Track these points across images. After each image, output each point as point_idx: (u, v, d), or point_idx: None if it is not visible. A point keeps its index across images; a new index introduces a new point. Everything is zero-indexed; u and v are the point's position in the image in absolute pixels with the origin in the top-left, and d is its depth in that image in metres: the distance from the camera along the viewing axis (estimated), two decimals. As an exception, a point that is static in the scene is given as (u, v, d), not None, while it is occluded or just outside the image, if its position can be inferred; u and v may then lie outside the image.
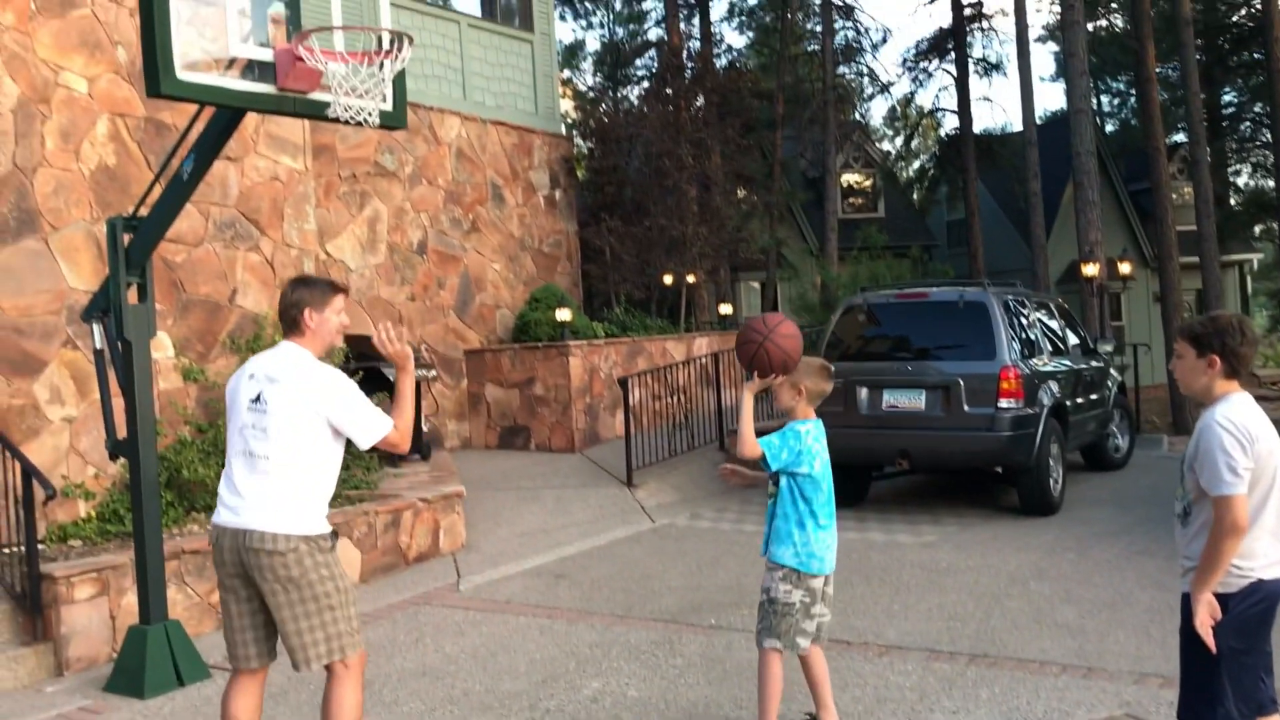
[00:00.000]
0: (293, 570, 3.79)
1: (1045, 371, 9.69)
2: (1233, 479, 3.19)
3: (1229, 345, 3.33)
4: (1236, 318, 3.40)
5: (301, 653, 3.85)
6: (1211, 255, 20.87)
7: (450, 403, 13.40)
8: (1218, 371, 3.36)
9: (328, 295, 4.04)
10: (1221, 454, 3.21)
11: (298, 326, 3.98)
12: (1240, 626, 3.25)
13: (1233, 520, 3.18)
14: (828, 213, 22.86)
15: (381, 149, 12.57)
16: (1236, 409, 3.30)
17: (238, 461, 3.92)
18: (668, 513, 10.09)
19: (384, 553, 7.94)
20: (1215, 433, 3.25)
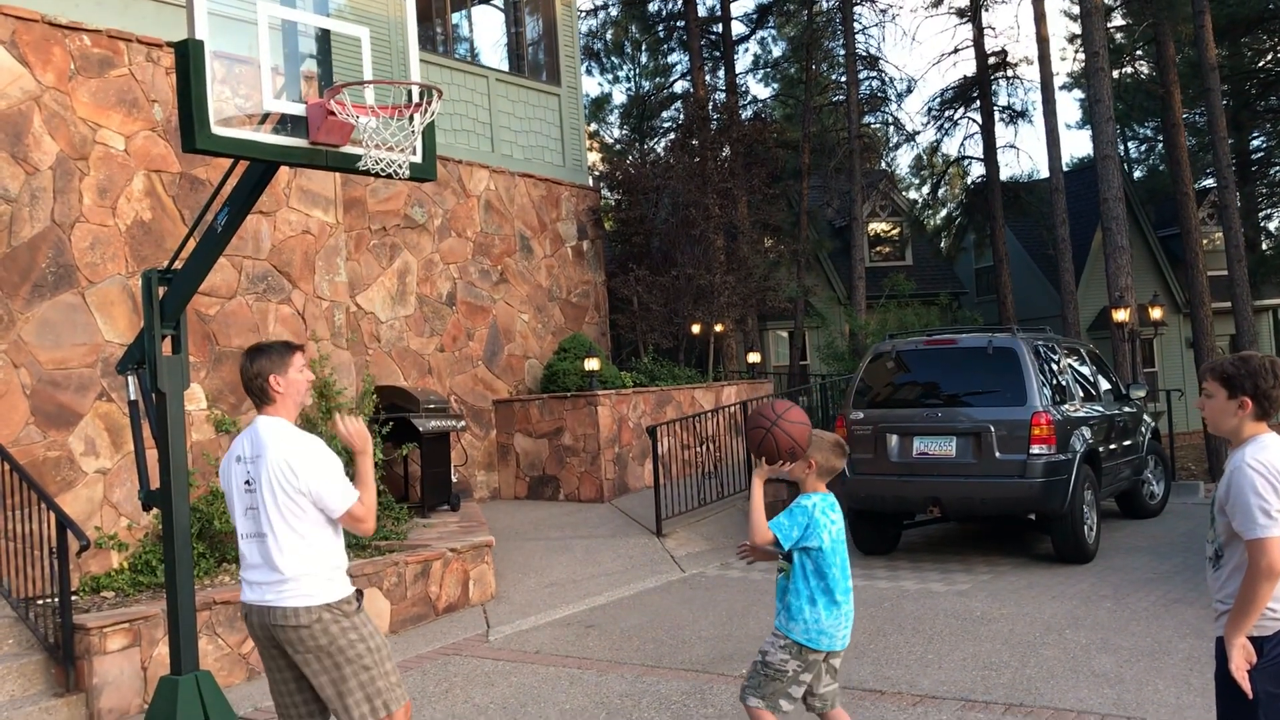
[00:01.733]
0: (320, 640, 3.82)
1: (1078, 417, 9.61)
2: (1267, 521, 3.15)
3: (1261, 388, 3.31)
4: (1269, 359, 3.37)
5: (346, 715, 3.87)
6: (1244, 300, 20.72)
7: (479, 453, 13.43)
8: (1249, 413, 3.34)
9: (286, 356, 4.05)
10: (1255, 496, 3.17)
11: (267, 395, 4.00)
12: (1276, 671, 3.20)
13: (1269, 563, 3.14)
14: (855, 261, 22.88)
15: (411, 202, 12.73)
16: (1267, 451, 3.26)
17: (245, 545, 3.96)
18: (697, 562, 10.03)
19: (413, 603, 7.93)
20: (1247, 475, 3.21)
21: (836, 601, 4.22)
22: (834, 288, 26.81)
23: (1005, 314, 25.03)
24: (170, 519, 5.75)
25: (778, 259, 20.83)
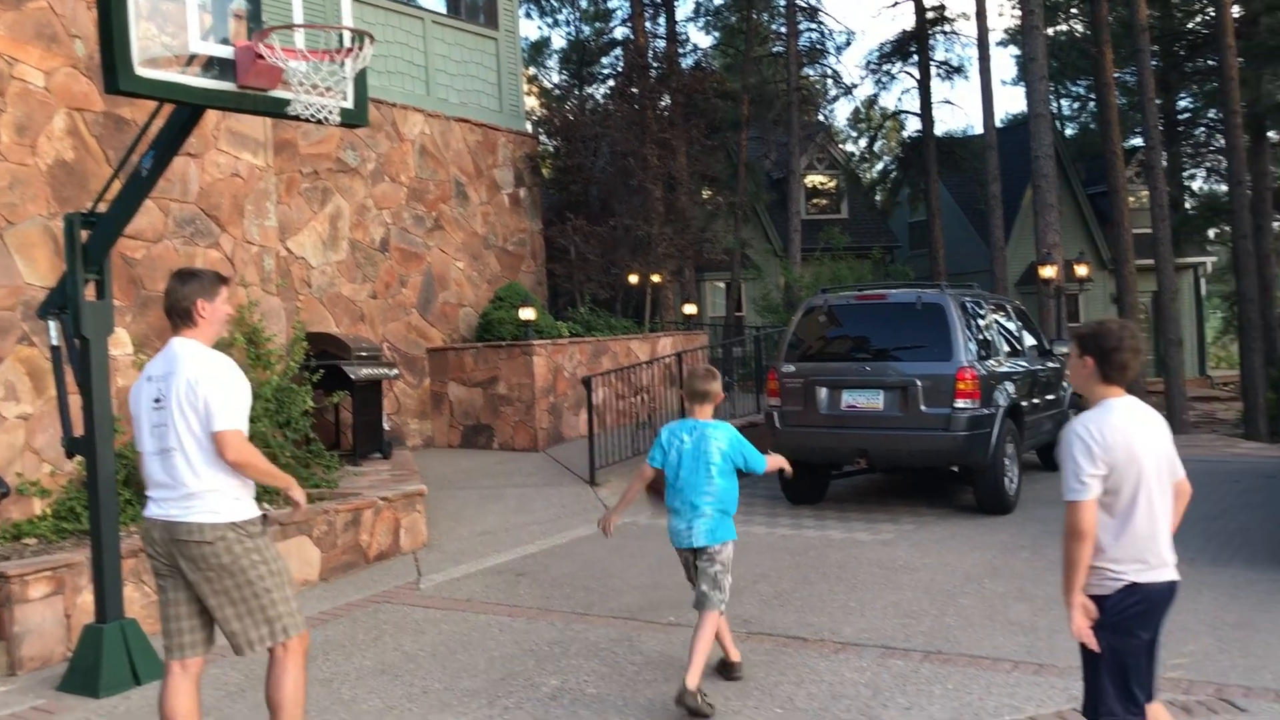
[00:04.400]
0: (223, 558, 3.88)
1: (1001, 372, 9.82)
2: (1078, 486, 3.29)
3: (1103, 348, 3.40)
4: (1120, 324, 3.46)
5: (242, 636, 3.94)
6: (1166, 258, 21.21)
7: (412, 401, 13.37)
8: (1093, 373, 3.43)
9: (217, 285, 4.12)
10: (1071, 462, 3.31)
11: (190, 318, 4.04)
12: (1119, 627, 3.33)
13: (1073, 525, 3.28)
14: (791, 214, 23.02)
15: (344, 145, 12.52)
16: (1102, 416, 3.37)
17: (151, 461, 4.00)
18: (630, 511, 10.05)
19: (344, 551, 7.92)
20: (1070, 439, 3.35)
21: (676, 509, 5.12)
22: (770, 240, 26.94)
23: (937, 269, 25.38)
24: (95, 466, 5.70)
25: (715, 210, 20.85)
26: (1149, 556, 3.34)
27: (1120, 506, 3.32)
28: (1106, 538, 3.33)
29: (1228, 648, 5.47)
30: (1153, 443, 3.38)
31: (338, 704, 5.14)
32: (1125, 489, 3.31)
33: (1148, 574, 3.34)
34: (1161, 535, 3.36)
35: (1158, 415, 3.50)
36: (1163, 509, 3.37)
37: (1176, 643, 5.57)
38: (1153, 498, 3.34)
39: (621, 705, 4.97)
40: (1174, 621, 5.90)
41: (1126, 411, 3.39)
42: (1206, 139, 32.05)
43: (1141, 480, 3.32)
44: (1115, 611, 3.32)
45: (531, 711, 4.93)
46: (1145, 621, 3.36)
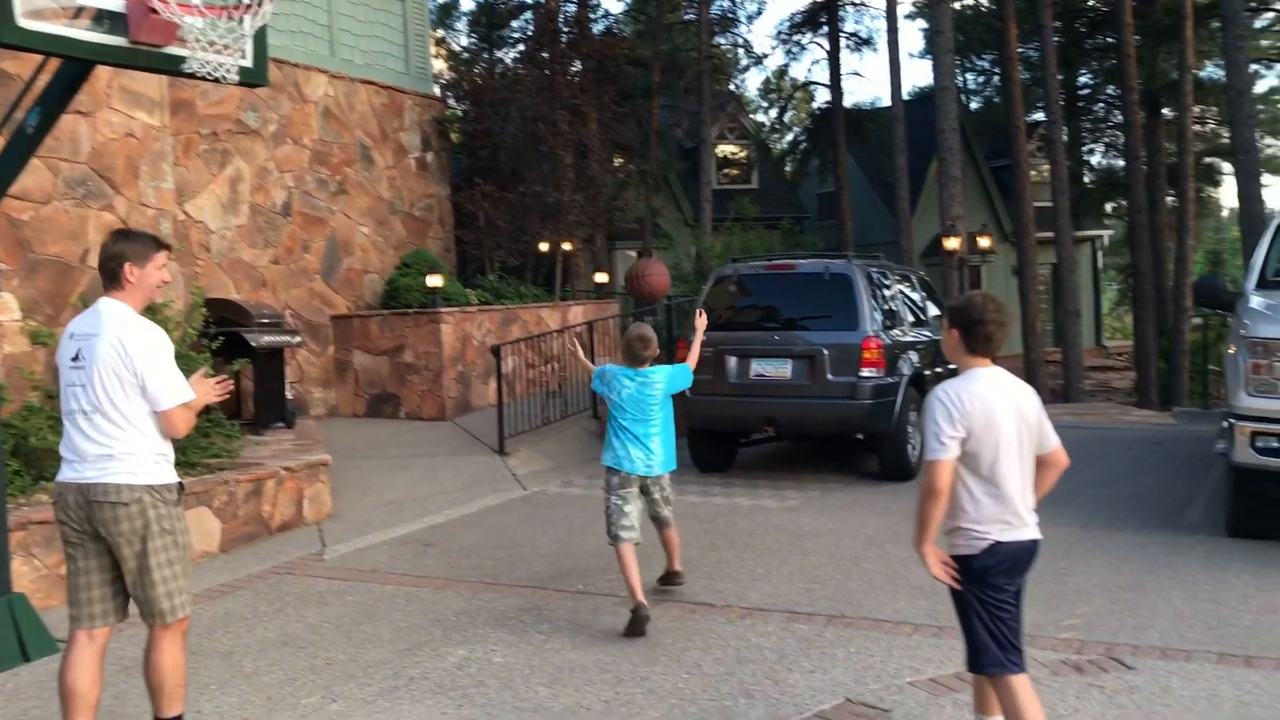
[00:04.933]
0: (136, 522, 3.81)
1: (906, 342, 9.99)
2: (937, 446, 3.43)
3: (967, 320, 3.53)
4: (985, 297, 3.59)
5: (154, 605, 3.87)
6: (1066, 231, 21.76)
7: (316, 370, 13.13)
8: (959, 345, 3.57)
9: (150, 250, 4.00)
10: (932, 424, 3.46)
11: (117, 280, 3.93)
12: (987, 583, 3.48)
13: (930, 482, 3.45)
14: (703, 183, 23.06)
15: (244, 106, 12.17)
16: (962, 383, 3.50)
17: (70, 421, 3.90)
18: (540, 480, 10.10)
19: (245, 522, 7.76)
20: (931, 403, 3.51)
21: (635, 437, 5.85)
22: (681, 209, 26.96)
23: (845, 239, 25.70)
24: (-21, 436, 5.46)
25: (627, 178, 20.79)
26: (1010, 517, 3.48)
27: (982, 470, 3.46)
28: (970, 501, 3.49)
29: (1118, 609, 5.66)
30: (1013, 411, 3.50)
31: (238, 677, 5.04)
32: (985, 453, 3.45)
33: (1010, 533, 3.48)
34: (1021, 497, 3.50)
35: (1025, 386, 3.62)
36: (1023, 473, 3.51)
37: (1070, 605, 5.76)
38: (1013, 463, 3.47)
39: (528, 674, 4.95)
40: (1068, 584, 6.12)
41: (989, 380, 3.51)
42: (1105, 115, 32.94)
43: (1001, 445, 3.46)
44: (983, 568, 3.47)
45: (437, 682, 4.89)
46: (1011, 576, 3.51)
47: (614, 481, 5.90)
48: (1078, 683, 4.59)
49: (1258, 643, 5.03)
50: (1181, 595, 5.85)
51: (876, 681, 4.70)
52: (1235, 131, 15.39)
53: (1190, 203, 23.02)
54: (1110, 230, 36.90)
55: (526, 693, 4.72)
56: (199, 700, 4.73)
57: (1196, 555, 6.68)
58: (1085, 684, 4.57)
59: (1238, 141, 15.18)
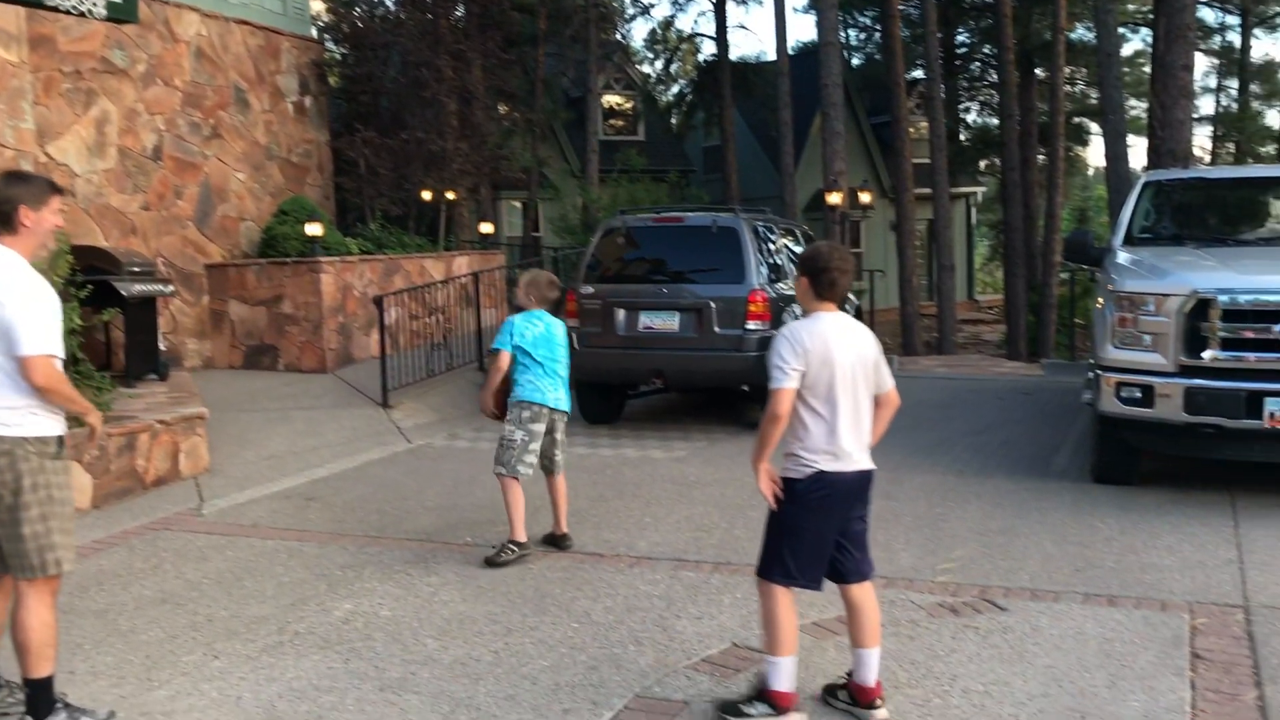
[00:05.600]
0: (5, 474, 3.69)
1: (791, 295, 10.13)
2: (779, 375, 3.67)
3: (815, 269, 3.78)
4: (831, 247, 3.89)
5: (21, 559, 3.75)
6: (943, 187, 22.27)
7: (190, 320, 12.71)
8: (807, 290, 3.82)
9: (46, 194, 3.86)
10: (776, 356, 3.70)
11: (10, 224, 3.76)
12: (805, 507, 3.75)
13: (772, 408, 3.69)
14: (589, 134, 22.88)
15: (110, 44, 11.60)
16: (806, 324, 3.77)
17: None
18: (425, 433, 9.99)
19: (118, 477, 7.50)
20: (777, 340, 3.76)
21: (549, 373, 6.04)
22: (568, 160, 26.72)
23: (730, 193, 25.85)
24: None
25: (512, 127, 20.50)
26: (837, 450, 3.73)
27: (816, 403, 3.71)
28: (803, 430, 3.75)
29: (991, 552, 5.88)
30: (851, 352, 3.75)
31: (114, 635, 4.89)
32: (820, 388, 3.70)
33: (835, 464, 3.74)
34: (851, 433, 3.74)
35: (865, 330, 3.89)
36: (856, 411, 3.76)
37: (946, 549, 5.96)
38: (846, 399, 3.73)
39: (417, 626, 4.92)
40: (944, 529, 6.33)
41: (832, 323, 3.76)
42: (981, 74, 33.69)
43: (835, 383, 3.70)
44: (805, 493, 3.73)
45: (323, 636, 4.83)
46: (831, 505, 3.77)
47: (525, 415, 5.99)
48: (954, 624, 4.77)
49: (1120, 582, 5.28)
50: (1050, 539, 6.11)
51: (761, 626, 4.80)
52: (1104, 93, 15.90)
53: (1060, 161, 23.82)
54: (984, 187, 37.93)
55: (415, 645, 4.69)
56: (72, 660, 4.58)
57: (1064, 500, 6.98)
58: (961, 625, 4.75)
59: (1106, 102, 15.69)
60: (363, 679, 4.33)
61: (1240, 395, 6.37)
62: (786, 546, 3.76)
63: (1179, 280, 6.71)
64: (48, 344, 3.70)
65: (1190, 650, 4.39)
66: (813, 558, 3.78)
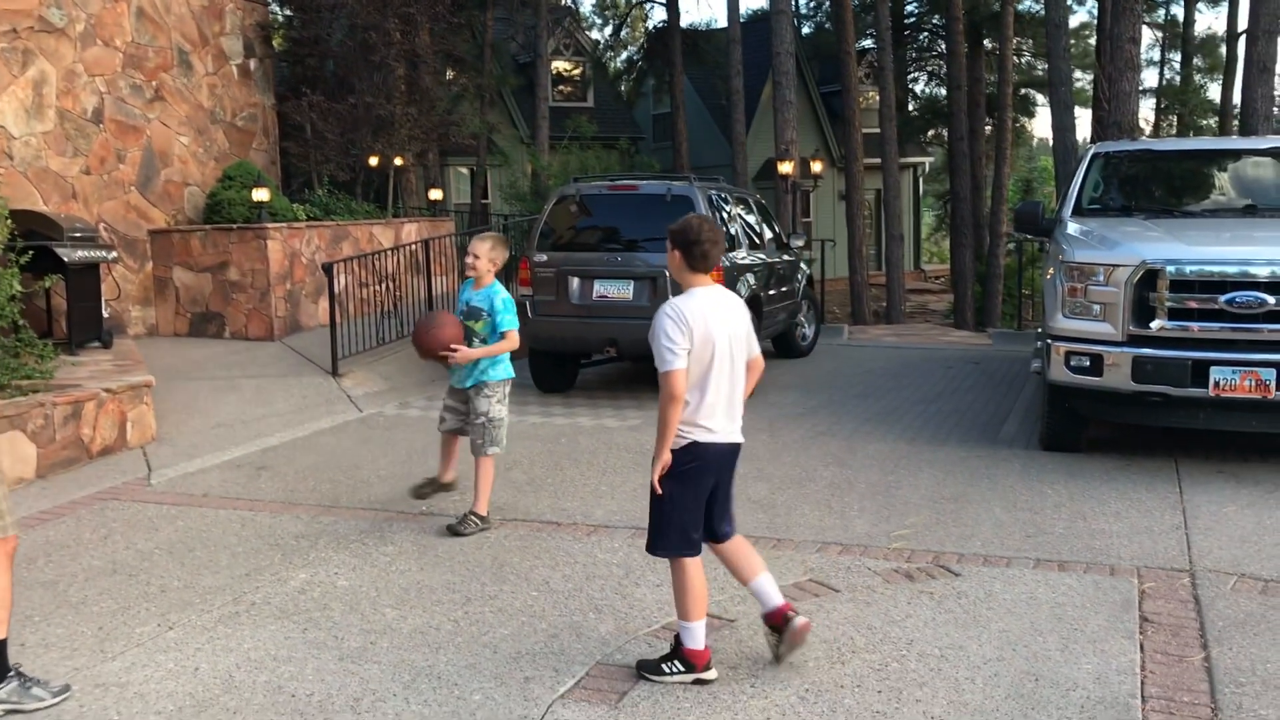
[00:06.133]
0: None
1: (744, 264, 10.15)
2: (670, 357, 3.73)
3: (684, 241, 3.87)
4: (700, 220, 3.95)
5: None
6: (892, 157, 22.40)
7: (134, 287, 12.47)
8: (681, 264, 3.91)
9: None
10: (664, 337, 3.75)
11: None
12: (681, 478, 3.84)
13: (670, 390, 3.74)
14: (539, 100, 22.68)
15: (47, 3, 11.26)
16: (686, 300, 3.83)
17: None
18: (376, 402, 9.91)
19: (64, 446, 7.36)
20: (661, 320, 3.78)
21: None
22: (517, 126, 26.51)
23: (680, 161, 25.81)
24: None
25: (461, 92, 20.27)
26: (712, 423, 3.84)
27: (695, 379, 3.79)
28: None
29: (944, 519, 5.96)
30: (727, 325, 3.85)
31: (65, 607, 4.81)
32: (700, 364, 3.78)
33: (709, 436, 3.84)
34: (724, 406, 3.86)
35: (737, 300, 3.99)
36: (732, 385, 3.87)
37: (899, 516, 6.04)
38: (724, 373, 3.83)
39: (375, 595, 4.89)
40: (898, 496, 6.41)
41: (707, 297, 3.85)
42: (929, 44, 33.87)
43: (715, 357, 3.80)
44: (679, 464, 3.83)
45: (280, 606, 4.78)
46: (703, 474, 3.87)
47: (508, 391, 6.09)
48: (909, 590, 4.84)
49: (1070, 548, 5.39)
50: (1001, 505, 6.21)
51: (720, 593, 4.82)
52: (1052, 64, 16.04)
53: (1008, 132, 24.02)
54: (931, 158, 38.22)
55: (374, 614, 4.66)
56: (22, 632, 4.50)
57: (1014, 468, 7.09)
58: (916, 591, 4.82)
59: (1054, 74, 15.83)
60: (321, 649, 4.30)
61: (1186, 364, 6.50)
62: (669, 519, 3.87)
63: (1128, 251, 6.81)
64: None
65: (1139, 614, 4.49)
66: (696, 524, 3.90)
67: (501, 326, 5.86)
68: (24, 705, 3.75)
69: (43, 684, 3.84)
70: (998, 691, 3.79)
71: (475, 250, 5.89)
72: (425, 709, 3.75)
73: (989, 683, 3.86)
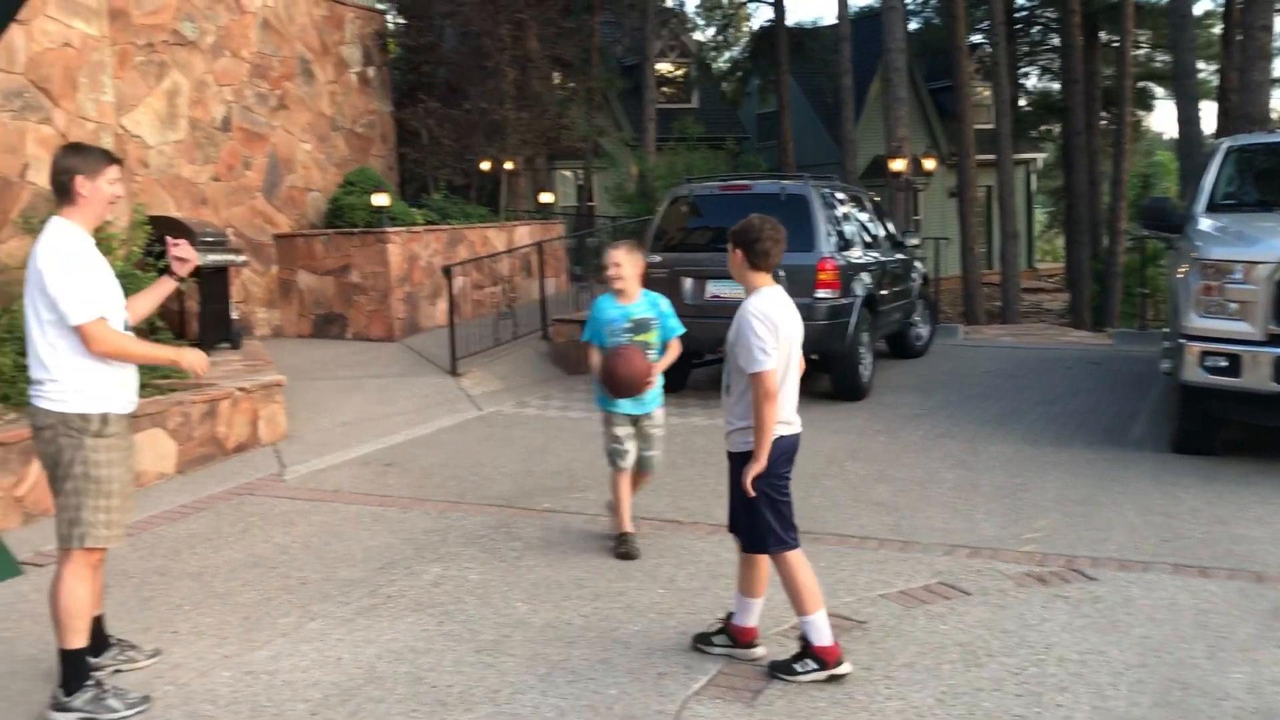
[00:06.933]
0: (49, 447, 3.78)
1: (859, 263, 10.06)
2: (764, 357, 3.82)
3: (746, 240, 3.95)
4: (761, 219, 3.98)
5: (57, 529, 3.85)
6: (1007, 153, 21.92)
7: (260, 290, 12.89)
8: (742, 263, 3.98)
9: (101, 164, 3.86)
10: (755, 338, 3.83)
11: (68, 195, 3.80)
12: (772, 473, 3.93)
13: (767, 389, 3.83)
14: (646, 101, 22.76)
15: (180, 16, 11.73)
16: (763, 301, 3.92)
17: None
18: (493, 400, 10.08)
19: (200, 443, 7.65)
20: (749, 321, 3.87)
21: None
22: (622, 128, 26.64)
23: (786, 160, 25.66)
24: (-68, 356, 5.30)
25: (570, 96, 20.46)
26: (791, 417, 3.99)
27: (779, 377, 3.90)
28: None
29: (1074, 522, 5.83)
30: (796, 327, 4.00)
31: (212, 597, 5.01)
32: (782, 363, 3.90)
33: (788, 430, 3.99)
34: (792, 401, 4.02)
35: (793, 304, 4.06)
36: (796, 380, 4.04)
37: (1028, 519, 5.92)
38: (794, 370, 4.02)
39: (505, 590, 4.99)
40: (1025, 499, 6.29)
41: (780, 297, 3.98)
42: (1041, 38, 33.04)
43: (791, 355, 3.96)
44: (770, 460, 3.90)
45: (415, 599, 4.91)
46: (787, 467, 4.01)
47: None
48: (1043, 593, 4.75)
49: (1210, 554, 5.22)
50: (1134, 509, 6.04)
51: (849, 594, 4.82)
52: (1177, 56, 15.52)
53: (1127, 126, 23.30)
54: (1044, 154, 37.28)
55: (506, 608, 4.76)
56: (174, 620, 4.71)
57: (1145, 470, 6.90)
58: (1050, 595, 4.73)
59: (1179, 66, 15.32)
60: (458, 641, 4.40)
61: (1332, 364, 6.24)
62: (772, 515, 3.94)
63: (1268, 247, 6.58)
64: (94, 309, 3.70)
65: (1289, 622, 4.35)
66: (791, 516, 4.01)
67: (675, 332, 5.69)
68: (98, 716, 3.78)
69: (120, 694, 3.87)
70: (1143, 699, 3.70)
71: (616, 259, 5.57)
72: (563, 702, 3.82)
73: (1133, 689, 3.77)
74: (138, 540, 5.91)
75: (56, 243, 3.73)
